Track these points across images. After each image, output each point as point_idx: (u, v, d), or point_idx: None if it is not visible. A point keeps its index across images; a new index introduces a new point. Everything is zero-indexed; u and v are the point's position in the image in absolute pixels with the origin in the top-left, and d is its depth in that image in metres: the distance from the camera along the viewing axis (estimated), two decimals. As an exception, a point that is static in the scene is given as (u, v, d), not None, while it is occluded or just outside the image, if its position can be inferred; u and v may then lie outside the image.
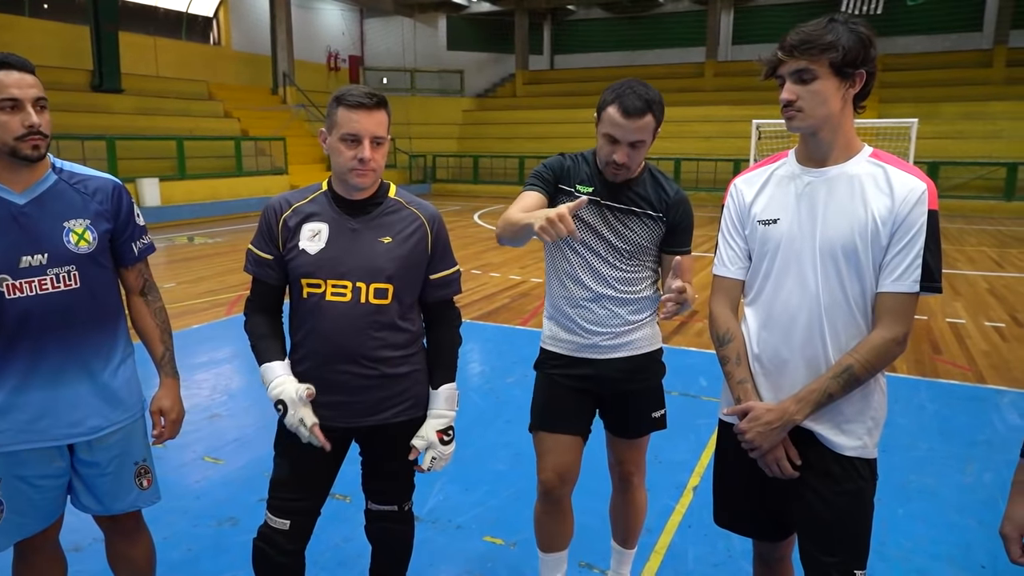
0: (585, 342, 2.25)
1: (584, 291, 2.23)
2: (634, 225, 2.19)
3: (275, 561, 2.01)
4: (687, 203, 2.25)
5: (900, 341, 1.62)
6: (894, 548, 2.97)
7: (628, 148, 2.07)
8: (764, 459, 1.70)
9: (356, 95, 1.87)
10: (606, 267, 2.21)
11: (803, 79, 1.59)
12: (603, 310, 2.22)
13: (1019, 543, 1.44)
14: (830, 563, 1.68)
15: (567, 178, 2.22)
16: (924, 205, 1.59)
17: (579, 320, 2.24)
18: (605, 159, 2.12)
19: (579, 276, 2.23)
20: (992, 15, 22.22)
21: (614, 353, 2.24)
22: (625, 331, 2.24)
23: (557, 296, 2.29)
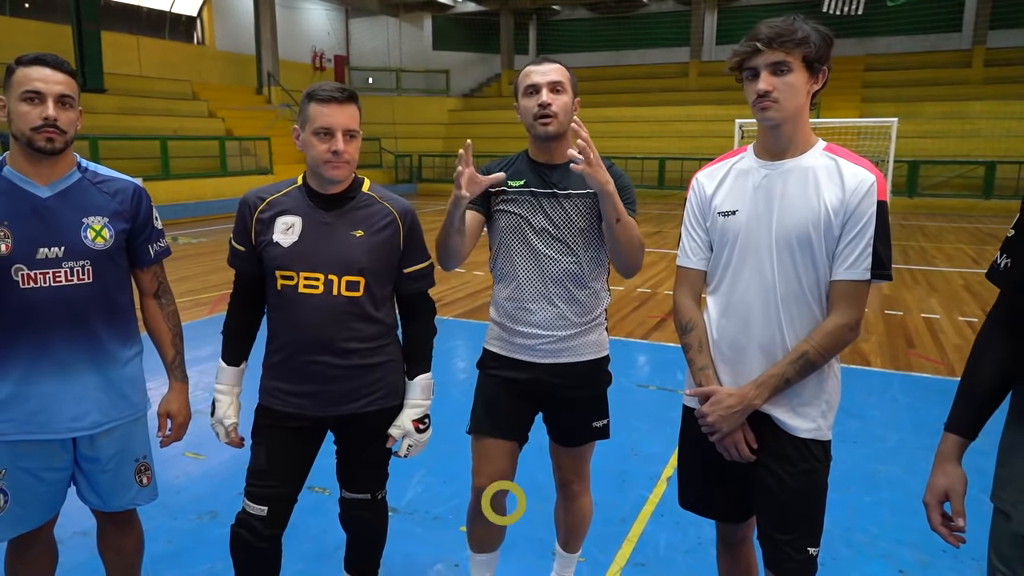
0: (526, 344, 2.16)
1: (526, 290, 2.14)
2: (572, 209, 2.11)
3: (253, 547, 2.05)
4: (619, 171, 2.11)
5: (853, 327, 1.70)
6: (861, 534, 3.05)
7: (550, 92, 2.05)
8: (723, 443, 1.77)
9: (327, 90, 1.93)
10: (549, 262, 2.12)
11: (779, 71, 1.65)
12: (547, 311, 2.13)
13: (938, 510, 1.51)
14: (784, 540, 1.75)
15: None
16: (873, 196, 1.66)
17: (521, 321, 2.15)
18: (532, 113, 2.06)
19: (521, 273, 2.14)
20: (971, 16, 22.54)
21: (556, 358, 2.15)
22: (569, 335, 2.14)
23: (499, 295, 2.22)
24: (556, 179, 2.12)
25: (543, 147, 2.13)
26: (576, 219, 2.12)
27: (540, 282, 2.13)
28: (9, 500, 1.91)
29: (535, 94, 2.06)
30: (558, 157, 2.13)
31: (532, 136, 2.13)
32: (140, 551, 2.27)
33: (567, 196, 2.12)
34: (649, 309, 7.34)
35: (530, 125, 2.09)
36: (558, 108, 2.06)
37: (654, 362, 5.67)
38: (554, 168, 2.14)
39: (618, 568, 2.82)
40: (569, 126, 2.03)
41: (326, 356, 2.00)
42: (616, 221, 1.97)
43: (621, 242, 2.02)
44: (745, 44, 1.68)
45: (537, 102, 2.05)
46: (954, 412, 1.53)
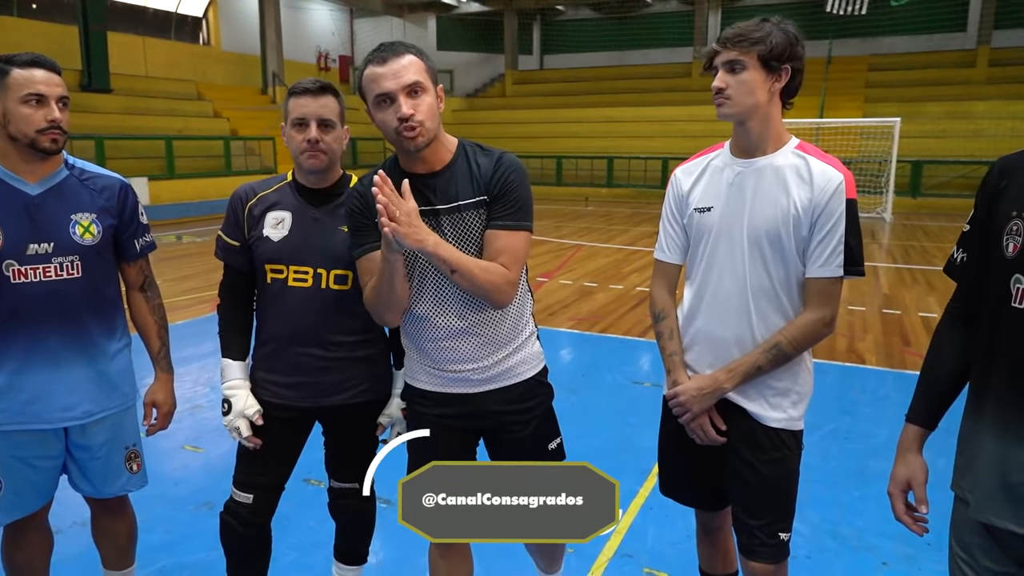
0: (454, 376, 1.88)
1: (438, 327, 1.83)
2: (467, 225, 1.78)
3: (240, 533, 2.11)
4: (509, 166, 1.79)
5: (827, 322, 1.75)
6: (847, 528, 3.09)
7: (407, 97, 1.68)
8: (690, 425, 1.83)
9: (302, 84, 2.01)
10: (451, 297, 1.81)
11: (733, 69, 1.72)
12: (467, 343, 1.84)
13: (902, 500, 1.56)
14: (756, 526, 1.80)
15: (373, 206, 1.65)
16: (842, 195, 1.71)
17: (443, 358, 1.86)
18: (393, 128, 1.69)
19: (429, 310, 1.83)
20: (976, 16, 22.48)
21: (491, 384, 1.89)
22: (501, 357, 1.87)
23: (410, 335, 1.91)
24: (439, 189, 1.78)
25: (416, 157, 1.77)
26: (475, 231, 1.79)
27: (450, 314, 1.82)
28: (3, 487, 1.97)
29: (390, 103, 1.68)
30: (435, 163, 1.79)
31: (399, 149, 1.78)
32: (133, 537, 2.34)
33: (458, 209, 1.78)
34: (647, 308, 7.36)
35: (393, 140, 1.73)
36: (423, 115, 1.69)
37: (650, 360, 5.70)
38: (431, 177, 1.78)
39: (606, 559, 2.87)
40: (439, 126, 1.76)
41: (314, 348, 2.06)
42: (451, 273, 1.68)
43: (465, 290, 1.74)
44: (713, 44, 1.77)
45: (396, 115, 1.67)
46: (914, 403, 1.57)
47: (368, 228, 1.80)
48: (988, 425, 1.40)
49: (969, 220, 1.50)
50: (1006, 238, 1.36)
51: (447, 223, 1.78)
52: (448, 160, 1.81)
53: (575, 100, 25.22)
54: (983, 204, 1.45)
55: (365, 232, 1.82)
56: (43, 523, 2.20)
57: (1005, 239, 1.36)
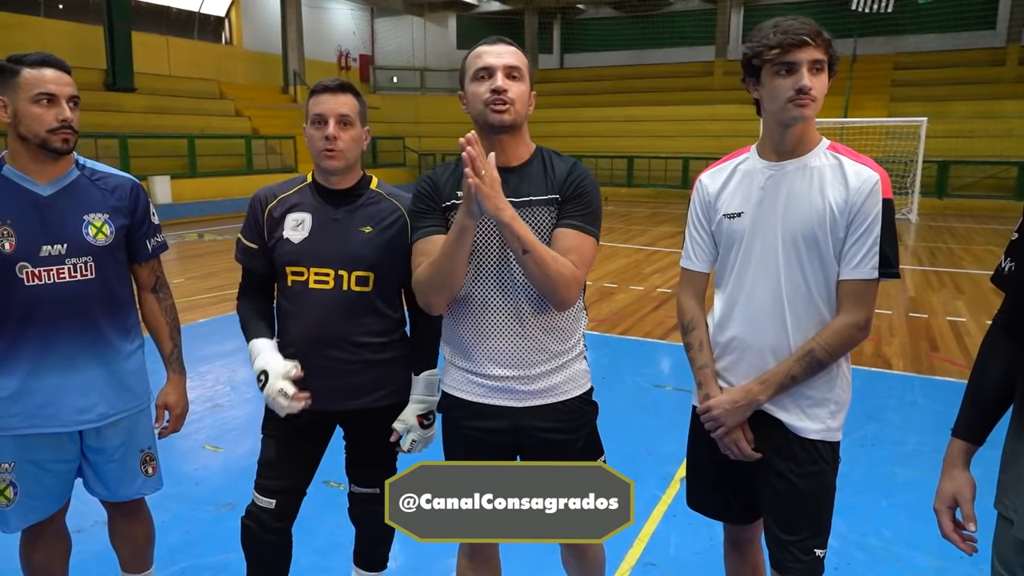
0: (498, 385, 1.81)
1: (489, 317, 1.79)
2: (537, 221, 1.77)
3: (262, 539, 2.09)
4: (584, 173, 1.82)
5: (862, 326, 1.68)
6: (875, 539, 3.02)
7: (505, 77, 1.73)
8: (724, 440, 1.77)
9: (323, 83, 1.99)
10: (510, 284, 1.77)
11: (816, 69, 1.62)
12: (518, 344, 1.78)
13: (948, 516, 1.51)
14: (791, 541, 1.74)
15: (444, 191, 1.82)
16: (878, 195, 1.65)
17: (488, 357, 1.80)
18: (483, 99, 1.72)
19: (484, 298, 1.79)
20: (1005, 13, 22.01)
21: (536, 399, 1.81)
22: (548, 369, 1.81)
23: (456, 328, 1.85)
24: (512, 184, 1.76)
25: (492, 143, 1.77)
26: (541, 229, 1.77)
27: (505, 307, 1.78)
28: (19, 492, 1.96)
29: (487, 78, 1.73)
30: (512, 158, 1.81)
31: (481, 128, 1.77)
32: (151, 539, 2.33)
33: (528, 204, 1.77)
34: (668, 309, 7.30)
35: (479, 113, 1.74)
36: (515, 95, 1.73)
37: (671, 363, 5.64)
38: (508, 171, 1.77)
39: (628, 567, 2.82)
40: (524, 121, 1.80)
41: (336, 351, 2.03)
42: (523, 253, 1.64)
43: (534, 277, 1.68)
44: (784, 36, 1.59)
45: (490, 87, 1.72)
46: (960, 417, 1.53)
47: (432, 212, 1.82)
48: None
49: (1018, 228, 1.45)
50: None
51: (520, 216, 1.71)
52: (525, 159, 1.83)
53: (595, 99, 25.09)
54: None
55: (429, 215, 1.82)
56: (60, 526, 2.20)
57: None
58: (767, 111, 1.71)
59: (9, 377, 1.92)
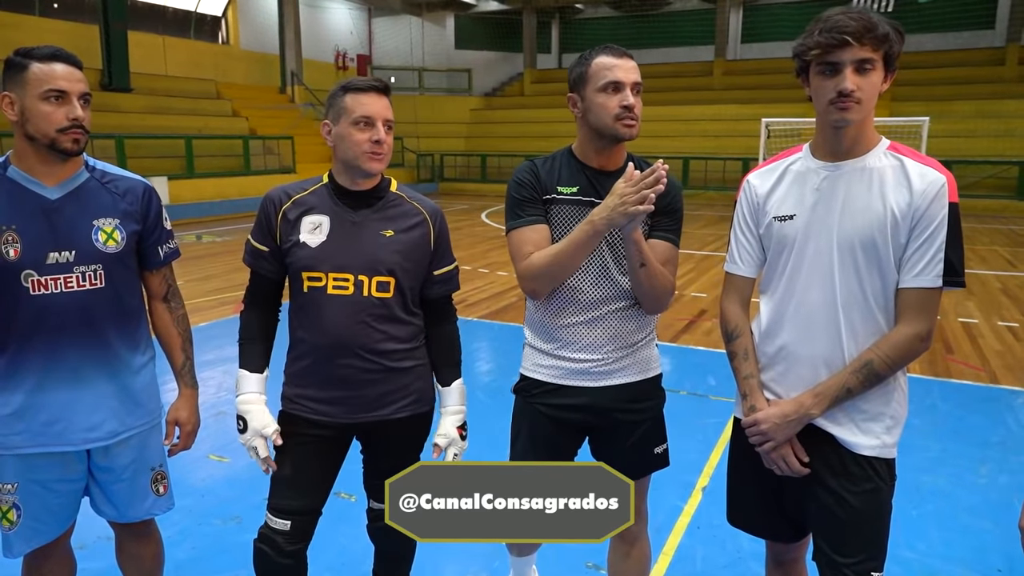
0: (576, 368, 1.96)
1: (580, 310, 1.94)
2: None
3: (276, 562, 1.98)
4: (679, 187, 1.97)
5: (924, 337, 1.59)
6: (907, 550, 2.92)
7: (633, 94, 1.85)
8: (771, 456, 1.67)
9: (364, 80, 1.89)
10: (605, 280, 1.92)
11: (864, 68, 1.52)
12: (599, 330, 1.93)
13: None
14: (845, 564, 1.64)
15: (547, 185, 1.94)
16: (944, 198, 1.55)
17: (570, 342, 1.95)
18: (614, 113, 1.83)
19: (579, 291, 1.92)
20: (1005, 12, 22.00)
21: (610, 380, 1.96)
22: (624, 354, 1.96)
23: (544, 314, 1.99)
24: (606, 187, 1.84)
25: (604, 151, 1.91)
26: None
27: (595, 299, 1.92)
28: (22, 514, 1.84)
29: (617, 92, 1.83)
30: (613, 164, 1.94)
31: (600, 134, 1.88)
32: (160, 560, 2.21)
33: None
34: (677, 311, 7.20)
35: (607, 124, 1.84)
36: (639, 112, 1.86)
37: (683, 366, 5.54)
38: (608, 175, 1.90)
39: (654, 583, 2.72)
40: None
41: (356, 359, 1.93)
42: (640, 266, 1.80)
43: (644, 287, 1.85)
44: (826, 35, 1.51)
45: (621, 102, 1.82)
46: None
47: (535, 202, 1.93)
48: None
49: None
50: None
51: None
52: (621, 164, 1.95)
53: (594, 99, 25.01)
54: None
55: (531, 204, 1.93)
56: (66, 548, 2.07)
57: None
58: (817, 111, 1.61)
59: (13, 393, 1.80)
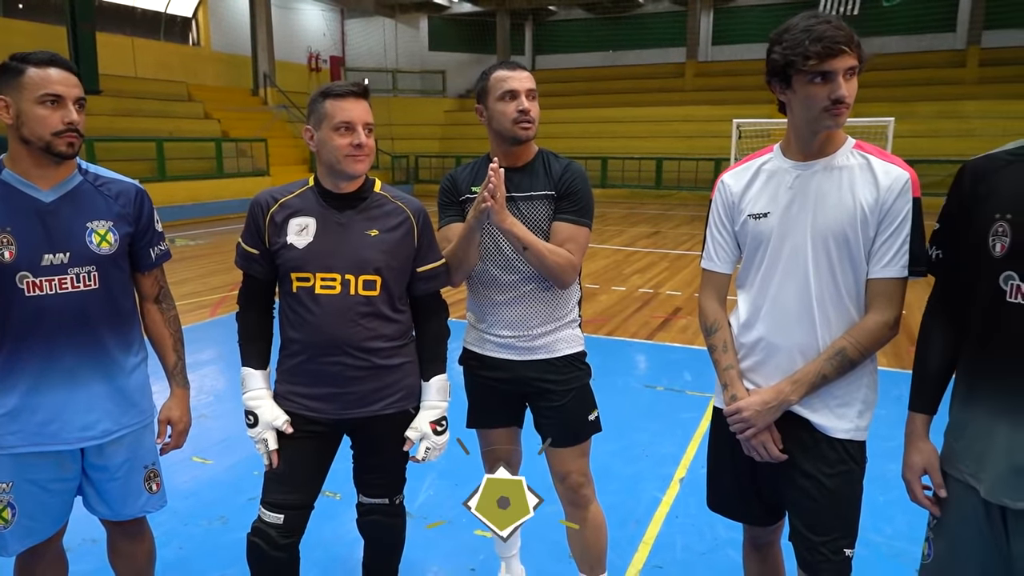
0: (502, 342, 2.21)
1: (497, 291, 2.20)
2: (536, 212, 2.15)
3: (269, 556, 2.02)
4: (578, 172, 2.18)
5: (892, 324, 1.69)
6: (874, 534, 3.04)
7: (528, 99, 2.10)
8: (751, 442, 1.75)
9: (343, 86, 1.95)
10: (509, 266, 2.16)
11: (850, 75, 1.60)
12: (518, 311, 2.18)
13: (919, 484, 1.65)
14: (821, 542, 1.74)
15: (462, 187, 2.23)
16: (909, 194, 1.65)
17: (496, 320, 2.21)
18: (513, 117, 2.09)
19: (493, 276, 2.19)
20: (965, 16, 22.60)
21: (533, 355, 2.20)
22: (545, 331, 2.19)
23: (476, 299, 2.28)
24: (516, 181, 2.14)
25: (509, 151, 2.16)
26: (543, 221, 2.15)
27: (510, 283, 2.18)
28: (17, 513, 1.87)
29: (513, 99, 2.10)
30: (519, 161, 2.18)
31: (502, 137, 2.14)
32: (152, 559, 2.25)
33: (531, 199, 2.14)
34: (652, 309, 7.32)
35: (507, 128, 2.10)
36: (535, 115, 2.12)
37: (659, 362, 5.65)
38: (515, 172, 2.16)
39: (635, 571, 2.80)
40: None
41: (345, 357, 1.98)
42: (523, 250, 2.05)
43: (537, 267, 2.10)
44: (820, 44, 1.55)
45: (517, 108, 2.09)
46: (914, 394, 1.68)
47: (453, 204, 2.25)
48: (989, 411, 1.51)
49: (939, 218, 1.62)
50: (992, 239, 1.47)
51: (523, 208, 2.14)
52: (529, 159, 2.20)
53: (568, 100, 25.17)
54: (956, 205, 1.58)
55: (450, 207, 2.25)
56: (58, 547, 2.10)
57: (991, 240, 1.47)
58: (798, 116, 1.68)
59: (8, 394, 1.82)
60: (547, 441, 1.86)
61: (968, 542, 1.57)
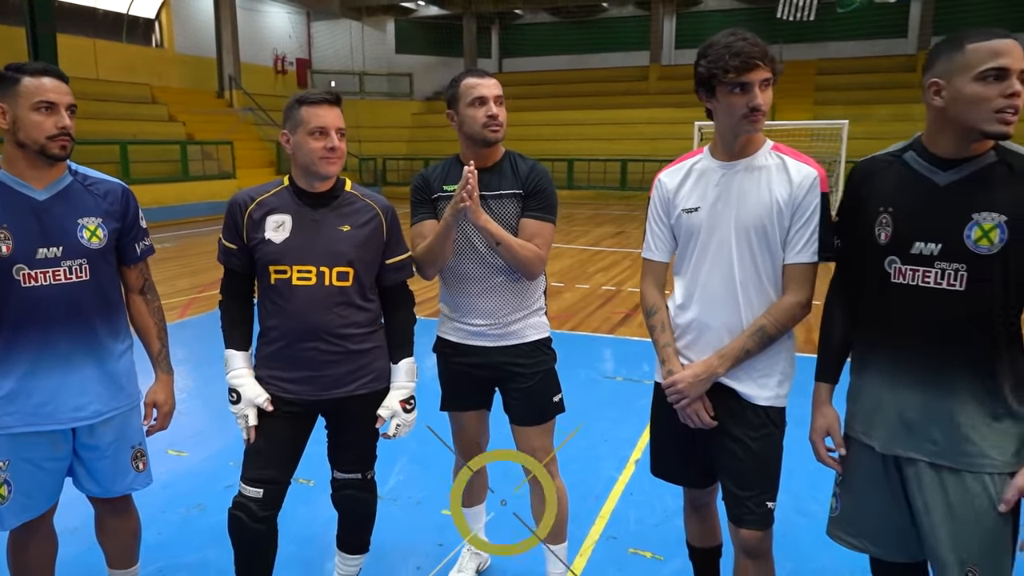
0: (475, 330, 2.39)
1: (471, 284, 2.36)
2: (505, 210, 2.31)
3: (250, 527, 2.17)
4: (543, 173, 2.36)
5: (804, 304, 1.92)
6: (813, 504, 3.29)
7: (496, 105, 2.27)
8: (686, 411, 1.97)
9: (318, 94, 2.12)
10: (480, 260, 2.33)
11: (766, 86, 1.83)
12: (490, 301, 2.36)
13: (823, 445, 1.90)
14: (746, 496, 1.96)
15: (434, 186, 2.38)
16: (817, 190, 1.88)
17: (468, 310, 2.38)
18: (483, 121, 2.25)
19: (465, 270, 2.35)
20: (915, 23, 23.45)
21: (504, 340, 2.38)
22: (514, 319, 2.37)
23: (449, 291, 2.45)
24: (486, 181, 2.29)
25: (479, 153, 2.32)
26: (510, 218, 2.32)
27: (481, 275, 2.34)
28: (13, 490, 2.00)
29: (483, 105, 2.26)
30: (489, 160, 2.34)
31: (473, 140, 2.30)
32: (138, 536, 2.40)
33: (500, 197, 2.32)
34: (614, 305, 7.57)
35: (477, 131, 2.27)
36: (503, 119, 2.29)
37: (620, 355, 5.89)
38: (485, 172, 2.30)
39: (592, 541, 3.02)
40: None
41: (320, 343, 2.15)
42: (496, 245, 2.24)
43: (508, 260, 2.28)
44: (738, 59, 1.77)
45: (486, 113, 2.26)
46: (819, 366, 1.93)
47: (425, 202, 2.40)
48: (880, 377, 1.76)
49: (838, 212, 1.84)
50: (877, 229, 1.74)
51: (492, 206, 2.30)
52: (498, 160, 2.37)
53: (534, 103, 25.42)
54: (849, 200, 1.84)
55: (423, 205, 2.40)
56: (49, 525, 2.24)
57: (877, 229, 1.74)
58: (721, 122, 1.90)
59: (6, 378, 1.97)
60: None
61: (869, 493, 1.82)
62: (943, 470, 1.67)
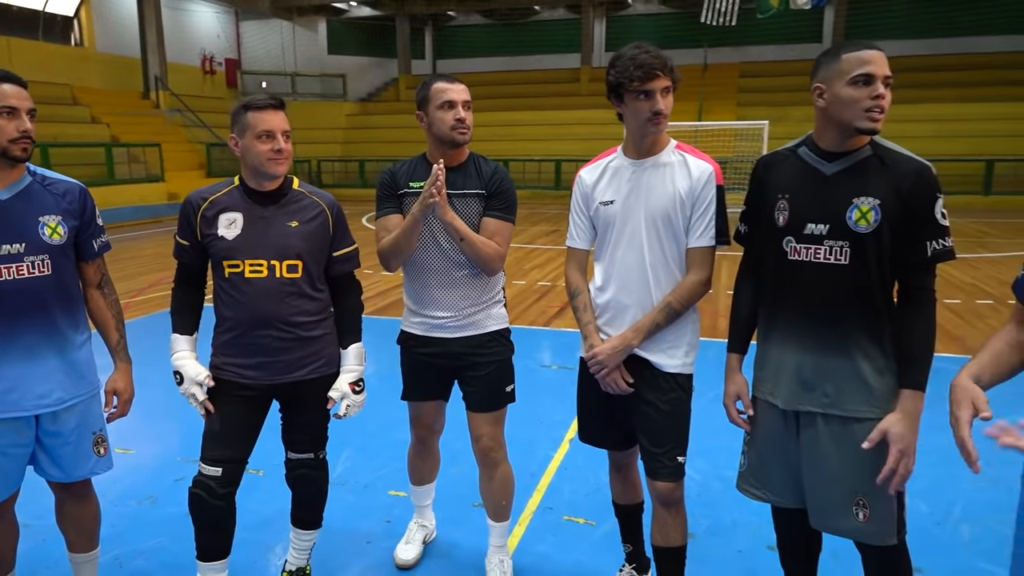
0: (436, 323, 2.54)
1: (432, 277, 2.51)
2: (468, 208, 2.47)
3: (210, 504, 2.33)
4: (504, 175, 2.53)
5: (705, 282, 2.20)
6: (730, 471, 3.50)
7: (464, 109, 2.43)
8: (606, 380, 2.23)
9: (263, 99, 2.29)
10: (442, 254, 2.48)
11: (666, 92, 2.09)
12: (451, 294, 2.51)
13: (735, 408, 2.14)
14: (659, 452, 2.23)
15: (400, 182, 2.52)
16: (713, 183, 2.17)
17: (429, 303, 2.53)
18: (451, 124, 2.40)
19: (428, 264, 2.50)
20: (829, 29, 24.75)
21: (463, 332, 2.54)
22: (473, 311, 2.53)
23: (411, 284, 2.59)
24: (451, 180, 2.45)
25: (447, 152, 2.47)
26: (473, 216, 2.48)
27: (444, 270, 2.50)
28: None
29: (451, 109, 2.42)
30: (455, 160, 2.51)
31: (441, 141, 2.44)
32: (97, 521, 2.51)
33: (464, 196, 2.48)
34: (550, 300, 7.87)
35: (446, 133, 2.42)
36: (470, 122, 2.47)
37: (555, 346, 6.18)
38: (449, 171, 2.46)
39: (530, 512, 3.27)
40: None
41: (273, 331, 2.32)
42: (460, 240, 2.41)
43: (470, 256, 2.45)
44: (641, 70, 2.02)
45: (455, 116, 2.41)
46: (731, 337, 2.18)
47: (391, 197, 2.54)
48: (781, 343, 2.01)
49: (745, 200, 2.12)
50: (776, 213, 1.99)
51: (457, 204, 2.46)
52: (463, 161, 2.54)
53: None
54: (755, 189, 2.08)
55: (389, 200, 2.54)
56: (10, 513, 2.33)
57: (776, 214, 1.99)
58: (630, 124, 2.17)
59: None
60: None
61: (772, 448, 2.08)
62: (832, 419, 1.93)
